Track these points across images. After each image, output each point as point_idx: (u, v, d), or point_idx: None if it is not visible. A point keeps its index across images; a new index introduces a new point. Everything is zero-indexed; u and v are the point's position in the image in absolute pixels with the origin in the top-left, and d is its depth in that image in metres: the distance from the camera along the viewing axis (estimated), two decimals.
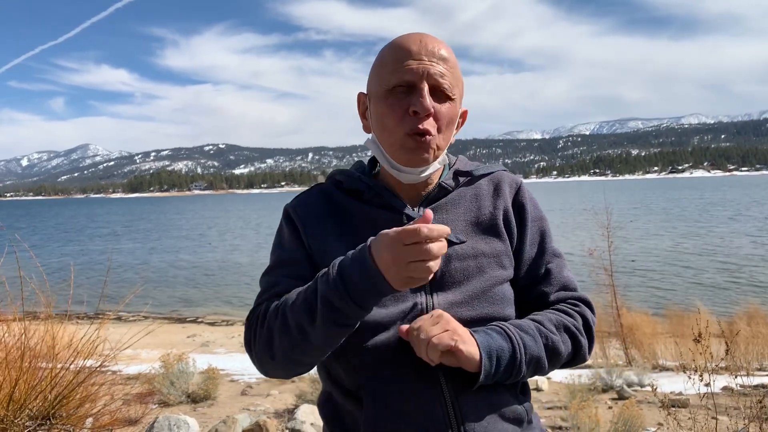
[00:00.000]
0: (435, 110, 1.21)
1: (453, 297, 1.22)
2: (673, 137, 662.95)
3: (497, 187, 1.37)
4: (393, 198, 1.29)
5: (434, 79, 1.20)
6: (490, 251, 1.28)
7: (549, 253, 1.36)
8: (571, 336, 1.27)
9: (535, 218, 1.37)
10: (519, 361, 1.17)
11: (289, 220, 1.35)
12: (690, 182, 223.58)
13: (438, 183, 1.32)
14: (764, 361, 9.36)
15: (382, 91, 1.23)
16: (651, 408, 6.32)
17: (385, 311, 1.20)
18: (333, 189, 1.36)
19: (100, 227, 65.76)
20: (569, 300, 1.34)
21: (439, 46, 1.23)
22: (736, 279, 19.07)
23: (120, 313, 12.34)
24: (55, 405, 3.27)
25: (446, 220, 1.29)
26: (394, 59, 1.22)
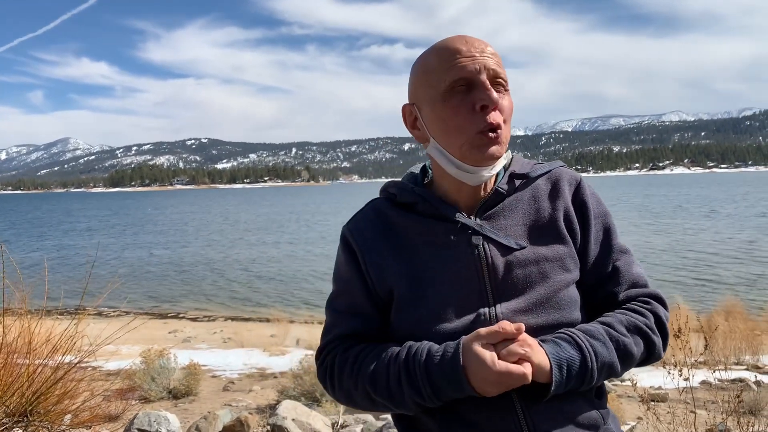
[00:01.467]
0: (498, 103, 1.18)
1: (517, 305, 1.19)
2: (654, 134, 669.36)
3: (555, 186, 1.32)
4: (448, 208, 1.26)
5: (492, 70, 1.18)
6: (553, 255, 1.24)
7: (616, 250, 1.31)
8: (643, 336, 1.23)
9: (597, 215, 1.31)
10: (590, 369, 1.14)
11: (346, 244, 1.33)
12: (670, 179, 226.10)
13: (494, 188, 1.28)
14: (741, 355, 9.50)
15: (439, 93, 1.19)
16: (631, 402, 6.39)
17: (449, 325, 1.19)
18: (387, 204, 1.34)
19: (77, 222, 65.07)
20: (640, 297, 1.29)
21: (485, 43, 1.21)
22: (713, 275, 19.33)
23: (100, 308, 12.22)
24: (33, 402, 3.23)
25: (504, 226, 1.25)
26: (444, 61, 1.19)
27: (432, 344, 1.15)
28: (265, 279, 22.03)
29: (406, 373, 1.14)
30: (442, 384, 1.10)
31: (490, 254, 1.21)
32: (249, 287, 19.93)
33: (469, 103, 1.17)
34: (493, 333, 1.09)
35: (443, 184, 1.29)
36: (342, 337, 1.29)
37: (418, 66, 1.27)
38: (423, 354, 1.13)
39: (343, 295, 1.32)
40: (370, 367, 1.19)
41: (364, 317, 1.29)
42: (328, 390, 1.31)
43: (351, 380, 1.21)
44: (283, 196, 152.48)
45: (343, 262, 1.33)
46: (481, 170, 1.22)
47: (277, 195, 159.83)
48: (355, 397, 1.23)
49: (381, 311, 1.29)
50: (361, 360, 1.22)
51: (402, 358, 1.15)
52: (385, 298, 1.27)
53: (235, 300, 17.51)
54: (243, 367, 8.79)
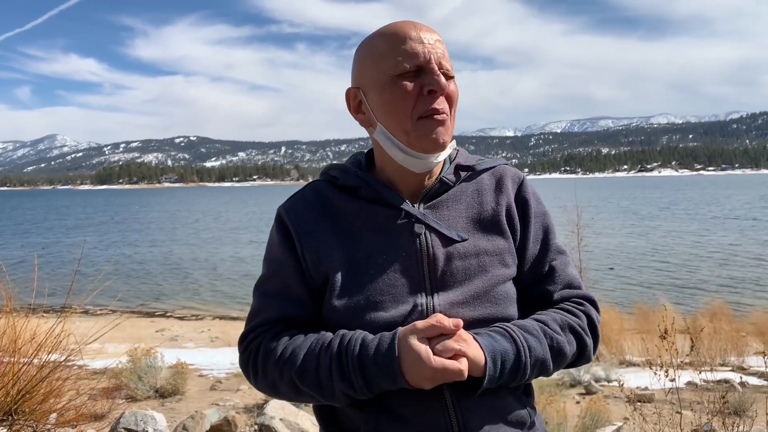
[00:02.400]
0: (446, 89, 1.19)
1: (454, 297, 1.18)
2: (643, 136, 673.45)
3: (499, 182, 1.32)
4: (392, 194, 1.24)
5: (439, 60, 1.18)
6: (493, 249, 1.24)
7: (553, 250, 1.32)
8: (576, 336, 1.24)
9: (538, 214, 1.33)
10: (524, 364, 1.14)
11: (282, 225, 1.28)
12: (658, 181, 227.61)
13: (439, 178, 1.27)
14: (727, 356, 9.58)
15: (387, 77, 1.18)
16: (618, 403, 6.42)
17: (385, 314, 1.16)
18: (328, 186, 1.31)
19: (62, 220, 64.62)
20: (574, 298, 1.31)
21: (433, 31, 1.22)
22: (697, 277, 19.49)
23: (86, 306, 12.14)
24: (18, 400, 3.20)
25: (447, 216, 1.25)
26: (393, 44, 1.19)
27: (366, 334, 1.12)
28: (252, 277, 21.95)
29: (338, 363, 1.10)
30: (376, 376, 1.08)
31: (431, 244, 1.20)
32: (237, 286, 19.84)
33: (417, 88, 1.17)
34: (429, 327, 1.07)
35: (387, 170, 1.27)
36: (270, 323, 1.24)
37: (364, 49, 1.25)
38: (357, 344, 1.10)
39: (275, 278, 1.27)
40: (300, 356, 1.14)
41: (296, 302, 1.24)
42: (249, 378, 1.26)
43: (277, 369, 1.17)
44: (272, 194, 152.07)
45: (277, 243, 1.28)
46: (428, 156, 1.21)
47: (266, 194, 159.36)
48: (280, 386, 1.18)
49: (314, 297, 1.24)
50: (290, 348, 1.17)
51: (334, 348, 1.12)
52: (320, 284, 1.23)
53: (223, 299, 17.43)
54: (231, 367, 8.75)
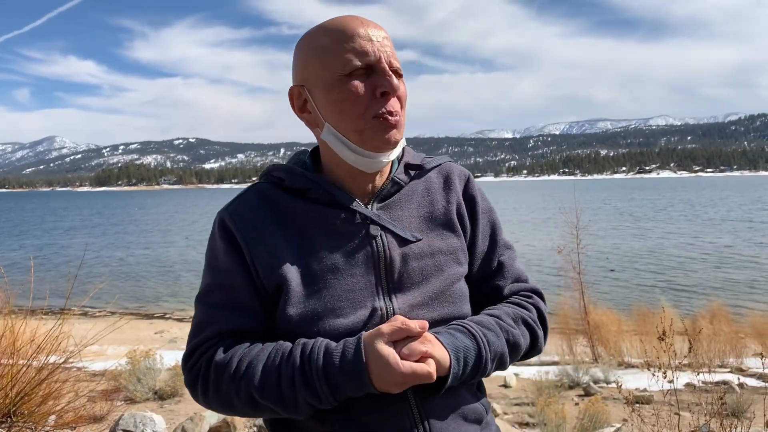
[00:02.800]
0: (398, 90, 1.17)
1: (413, 299, 1.17)
2: (641, 138, 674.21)
3: (447, 180, 1.31)
4: (344, 195, 1.20)
5: (389, 59, 1.15)
6: (447, 248, 1.24)
7: (501, 245, 1.32)
8: (529, 328, 1.25)
9: (485, 210, 1.33)
10: (485, 359, 1.13)
11: (226, 231, 1.20)
12: (656, 182, 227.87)
13: (390, 178, 1.25)
14: (725, 358, 9.59)
15: (336, 76, 1.14)
16: (616, 404, 6.43)
17: (344, 320, 1.13)
18: (272, 188, 1.24)
19: (59, 221, 64.57)
20: (522, 292, 1.31)
21: (380, 28, 1.18)
22: (698, 278, 19.51)
23: (85, 308, 12.13)
24: (17, 402, 3.20)
25: (400, 216, 1.23)
26: (341, 42, 1.14)
27: (328, 342, 1.08)
28: None
29: (302, 374, 1.05)
30: (343, 384, 1.04)
31: (387, 246, 1.18)
32: None
33: (369, 89, 1.14)
34: (396, 331, 1.05)
35: (336, 170, 1.23)
36: (220, 335, 1.16)
37: (307, 45, 1.20)
38: (320, 353, 1.06)
39: (221, 288, 1.18)
40: (258, 369, 1.08)
41: (246, 313, 1.16)
42: (198, 397, 1.17)
43: (233, 384, 1.10)
44: None
45: (222, 252, 1.19)
46: (380, 156, 1.17)
47: None
48: (236, 403, 1.11)
49: (265, 306, 1.18)
50: (246, 361, 1.10)
51: (296, 358, 1.07)
52: (272, 292, 1.16)
53: None
54: None
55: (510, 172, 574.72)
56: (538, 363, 10.21)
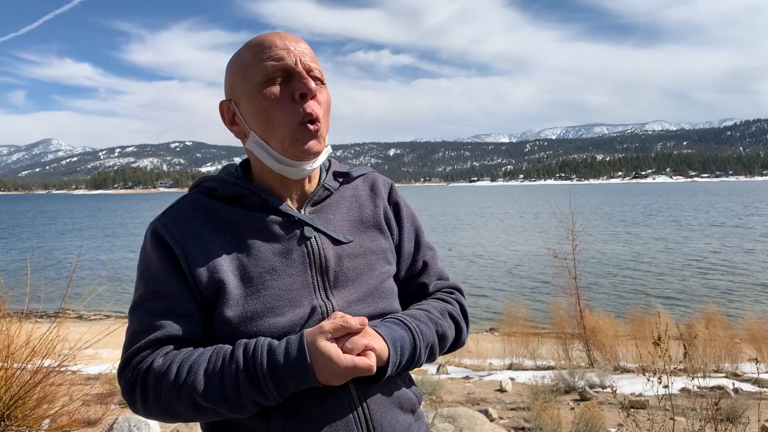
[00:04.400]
0: (316, 93, 1.20)
1: (350, 296, 1.22)
2: (637, 143, 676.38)
3: (373, 187, 1.39)
4: (277, 201, 1.24)
5: (307, 63, 1.19)
6: (377, 248, 1.31)
7: (424, 247, 1.42)
8: (454, 321, 1.33)
9: (408, 215, 1.41)
10: (419, 349, 1.19)
11: (160, 241, 1.20)
12: (651, 188, 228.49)
13: (321, 184, 1.31)
14: (721, 363, 9.61)
15: (256, 85, 1.18)
16: (612, 409, 6.43)
17: (283, 319, 1.16)
18: (205, 198, 1.26)
19: (52, 224, 64.41)
20: (445, 288, 1.40)
21: (299, 40, 1.22)
22: (692, 283, 19.55)
23: (81, 311, 12.09)
24: (11, 406, 3.19)
25: (332, 220, 1.28)
26: (258, 53, 1.19)
27: (271, 340, 1.10)
28: None
29: (246, 373, 1.06)
30: (288, 381, 1.06)
31: (321, 246, 1.23)
32: None
33: (287, 93, 1.18)
34: (337, 328, 1.08)
35: (266, 178, 1.27)
36: (157, 343, 1.15)
37: (233, 61, 1.25)
38: (263, 351, 1.08)
39: (156, 296, 1.17)
40: (200, 372, 1.08)
41: (184, 319, 1.16)
42: (136, 406, 1.15)
43: (173, 391, 1.09)
44: None
45: (156, 260, 1.19)
46: (303, 164, 1.22)
47: None
48: (178, 408, 1.10)
49: (202, 312, 1.18)
50: (186, 365, 1.10)
51: (239, 358, 1.08)
52: (209, 297, 1.17)
53: None
54: None
55: (506, 177, 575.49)
56: (534, 367, 10.22)
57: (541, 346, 11.04)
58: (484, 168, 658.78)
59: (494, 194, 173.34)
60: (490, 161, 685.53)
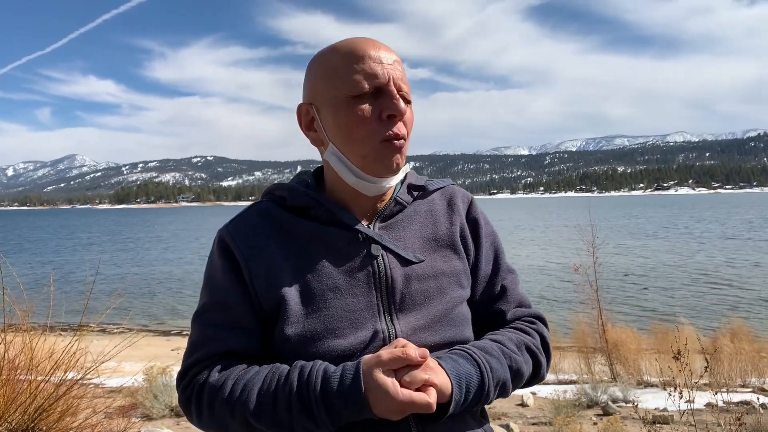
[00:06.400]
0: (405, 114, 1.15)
1: (415, 321, 1.14)
2: (659, 155, 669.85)
3: (451, 202, 1.29)
4: (346, 214, 1.18)
5: (398, 82, 1.14)
6: (450, 270, 1.21)
7: (504, 269, 1.31)
8: (532, 355, 1.22)
9: (488, 234, 1.31)
10: (487, 387, 1.10)
11: (225, 250, 1.18)
12: (674, 200, 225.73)
13: (393, 198, 1.23)
14: (747, 377, 9.42)
15: (343, 97, 1.12)
16: (635, 424, 6.33)
17: (344, 341, 1.10)
18: (274, 207, 1.22)
19: (76, 238, 65.22)
20: (525, 317, 1.29)
21: (391, 51, 1.17)
22: (719, 295, 19.24)
23: (103, 324, 12.20)
24: (35, 418, 3.23)
25: (402, 237, 1.20)
26: (350, 63, 1.13)
27: (327, 365, 1.05)
28: None
29: (299, 398, 1.02)
30: (341, 410, 1.01)
31: (389, 266, 1.16)
32: None
33: (376, 111, 1.12)
34: (396, 359, 1.01)
35: (339, 190, 1.21)
36: (214, 356, 1.14)
37: (319, 65, 1.18)
38: (318, 377, 1.03)
39: (218, 307, 1.16)
40: (253, 392, 1.06)
41: (244, 333, 1.14)
42: (192, 418, 1.15)
43: (227, 407, 1.07)
44: None
45: (221, 270, 1.17)
46: (382, 181, 1.17)
47: None
48: (230, 425, 1.08)
49: (262, 326, 1.15)
50: (241, 383, 1.08)
51: (293, 382, 1.04)
52: (270, 312, 1.14)
53: None
54: None
55: (526, 189, 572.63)
56: (556, 382, 10.09)
57: (562, 360, 10.90)
58: (504, 180, 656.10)
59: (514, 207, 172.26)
60: (509, 174, 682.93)
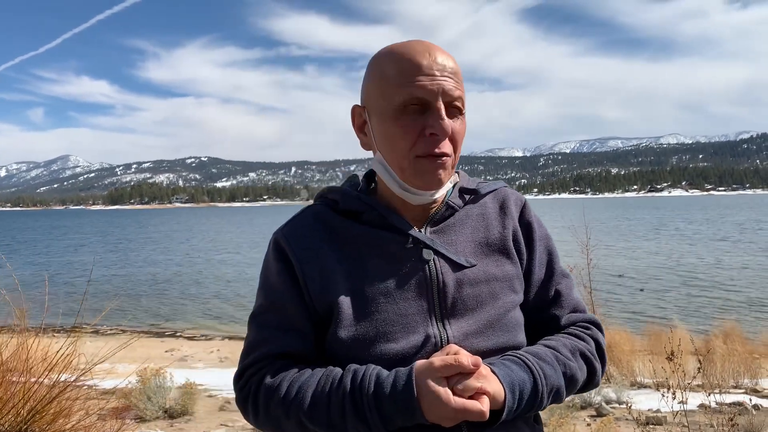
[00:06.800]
0: (452, 129, 1.13)
1: (467, 327, 1.13)
2: (652, 156, 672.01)
3: (503, 205, 1.28)
4: (397, 219, 1.18)
5: (449, 95, 1.11)
6: (502, 275, 1.20)
7: (558, 273, 1.29)
8: (586, 361, 1.20)
9: (541, 237, 1.29)
10: (541, 394, 1.09)
11: (280, 252, 1.20)
12: (667, 201, 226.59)
13: (445, 202, 1.23)
14: (740, 378, 9.46)
15: (391, 108, 1.11)
16: (629, 425, 6.35)
17: (396, 345, 1.10)
18: (327, 210, 1.23)
19: (69, 239, 64.89)
20: (580, 322, 1.27)
21: (448, 58, 1.14)
22: (710, 297, 19.31)
23: (97, 326, 12.16)
24: (28, 420, 3.22)
25: (454, 241, 1.20)
26: (401, 73, 1.11)
27: (380, 370, 1.06)
28: None
29: (352, 402, 1.03)
30: (394, 415, 1.01)
31: (440, 270, 1.15)
32: (247, 306, 19.85)
33: (419, 127, 1.11)
34: (447, 366, 1.01)
35: (389, 195, 1.21)
36: (270, 357, 1.16)
37: (374, 69, 1.18)
38: (371, 381, 1.04)
39: (273, 309, 1.18)
40: (308, 394, 1.07)
41: (298, 335, 1.16)
42: (248, 416, 1.17)
43: (282, 408, 1.09)
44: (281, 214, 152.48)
45: (275, 272, 1.19)
46: (425, 193, 1.16)
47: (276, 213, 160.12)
48: (286, 426, 1.10)
49: (316, 329, 1.17)
50: (296, 385, 1.09)
51: (347, 385, 1.05)
52: (323, 314, 1.15)
53: (233, 319, 17.38)
54: None
55: (520, 191, 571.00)
56: None
57: None
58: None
59: None
60: (503, 175, 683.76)
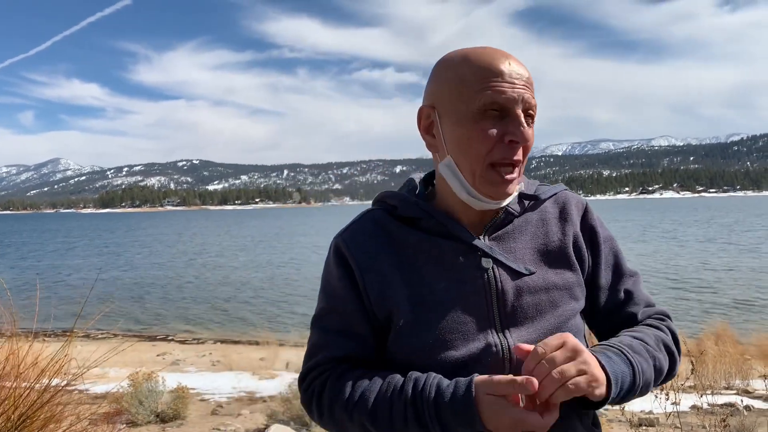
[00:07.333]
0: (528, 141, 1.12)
1: (528, 335, 1.12)
2: (644, 159, 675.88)
3: (564, 210, 1.26)
4: (456, 226, 1.17)
5: (528, 103, 1.10)
6: (562, 283, 1.18)
7: (626, 273, 1.28)
8: (669, 352, 1.20)
9: (605, 239, 1.27)
10: (637, 388, 1.08)
11: (341, 257, 1.20)
12: (659, 203, 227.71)
13: (504, 208, 1.20)
14: (732, 380, 9.51)
15: (470, 111, 1.09)
16: (621, 426, 6.37)
17: (456, 353, 1.10)
18: (385, 216, 1.22)
19: (59, 242, 64.55)
20: (654, 315, 1.26)
21: (525, 69, 1.13)
22: (702, 299, 19.40)
23: (89, 330, 12.10)
24: (18, 425, 3.20)
25: (513, 249, 1.18)
26: (481, 77, 1.09)
27: (441, 379, 1.05)
28: (254, 301, 21.89)
29: (413, 409, 1.04)
30: (453, 425, 1.01)
31: (500, 278, 1.14)
32: (238, 310, 19.78)
33: (499, 133, 1.09)
34: (508, 385, 0.99)
35: (449, 200, 1.20)
36: (332, 360, 1.17)
37: (447, 70, 1.15)
38: (431, 389, 1.04)
39: (335, 313, 1.20)
40: (370, 399, 1.08)
41: (359, 339, 1.17)
42: (314, 417, 1.20)
43: (345, 412, 1.10)
44: (272, 217, 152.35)
45: (336, 277, 1.20)
46: (492, 202, 1.15)
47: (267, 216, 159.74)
48: (349, 428, 1.12)
49: (376, 334, 1.17)
50: (359, 390, 1.10)
51: (408, 393, 1.05)
52: (383, 320, 1.16)
53: (225, 322, 17.34)
54: (232, 391, 8.70)
55: None
56: None
57: None
58: None
59: None
60: None
